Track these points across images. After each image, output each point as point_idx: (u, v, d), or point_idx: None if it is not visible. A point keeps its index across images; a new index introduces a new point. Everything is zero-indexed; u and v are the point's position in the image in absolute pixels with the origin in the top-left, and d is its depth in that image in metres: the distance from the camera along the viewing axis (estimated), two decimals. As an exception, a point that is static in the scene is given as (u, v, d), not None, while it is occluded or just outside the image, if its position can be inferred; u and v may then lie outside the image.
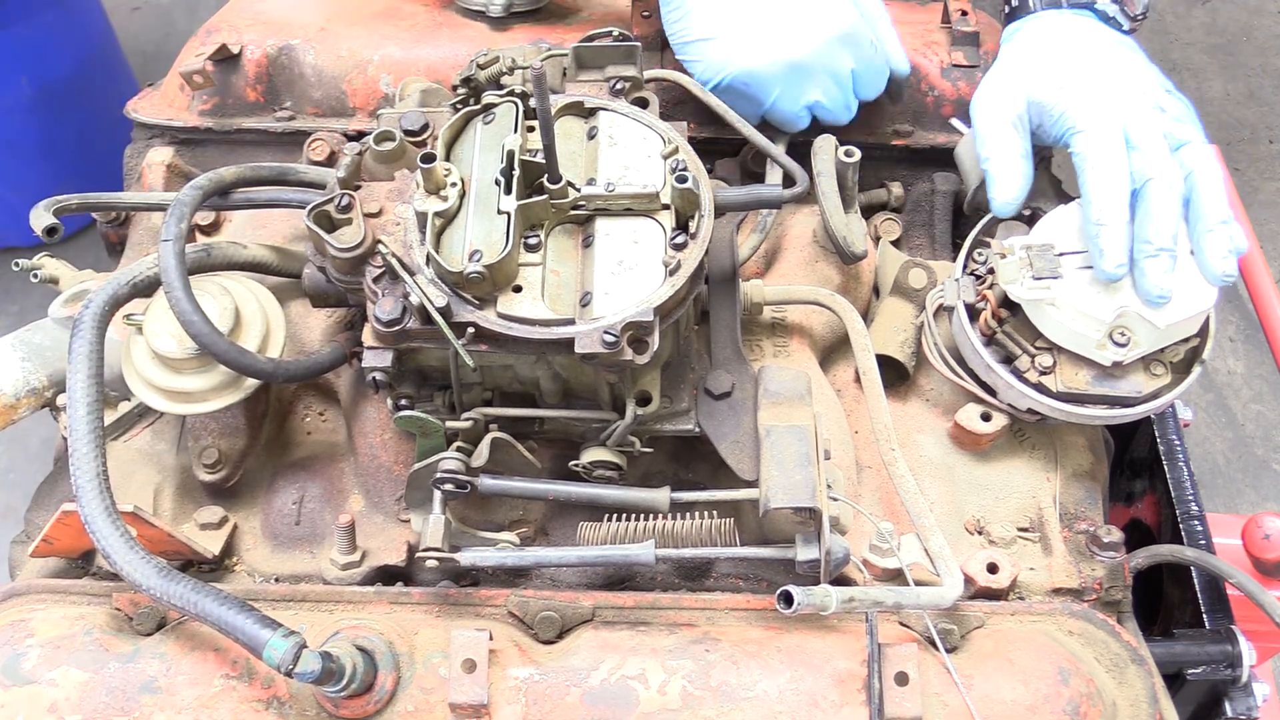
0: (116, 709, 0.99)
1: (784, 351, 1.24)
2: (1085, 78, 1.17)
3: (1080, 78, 1.17)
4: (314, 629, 1.02)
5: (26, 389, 1.18)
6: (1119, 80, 1.17)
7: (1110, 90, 1.15)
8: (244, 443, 1.21)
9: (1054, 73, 1.19)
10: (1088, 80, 1.17)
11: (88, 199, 1.28)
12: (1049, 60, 1.21)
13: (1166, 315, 1.09)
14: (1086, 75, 1.18)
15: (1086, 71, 1.18)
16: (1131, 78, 1.18)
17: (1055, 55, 1.21)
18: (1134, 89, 1.16)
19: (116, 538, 0.96)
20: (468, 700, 0.96)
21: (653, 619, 1.05)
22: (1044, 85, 1.18)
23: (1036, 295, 1.11)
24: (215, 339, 1.04)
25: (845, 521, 1.09)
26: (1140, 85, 1.17)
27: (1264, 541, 1.43)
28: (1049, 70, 1.19)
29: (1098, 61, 1.20)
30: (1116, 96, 1.14)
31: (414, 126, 1.12)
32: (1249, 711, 1.21)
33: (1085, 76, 1.17)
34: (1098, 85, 1.16)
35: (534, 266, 1.02)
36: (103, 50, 2.83)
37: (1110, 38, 1.24)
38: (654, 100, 1.15)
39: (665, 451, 1.19)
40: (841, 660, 1.00)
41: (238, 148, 1.44)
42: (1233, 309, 2.86)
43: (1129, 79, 1.18)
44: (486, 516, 1.16)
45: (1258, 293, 2.41)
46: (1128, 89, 1.16)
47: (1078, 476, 1.22)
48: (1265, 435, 2.72)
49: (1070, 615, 1.07)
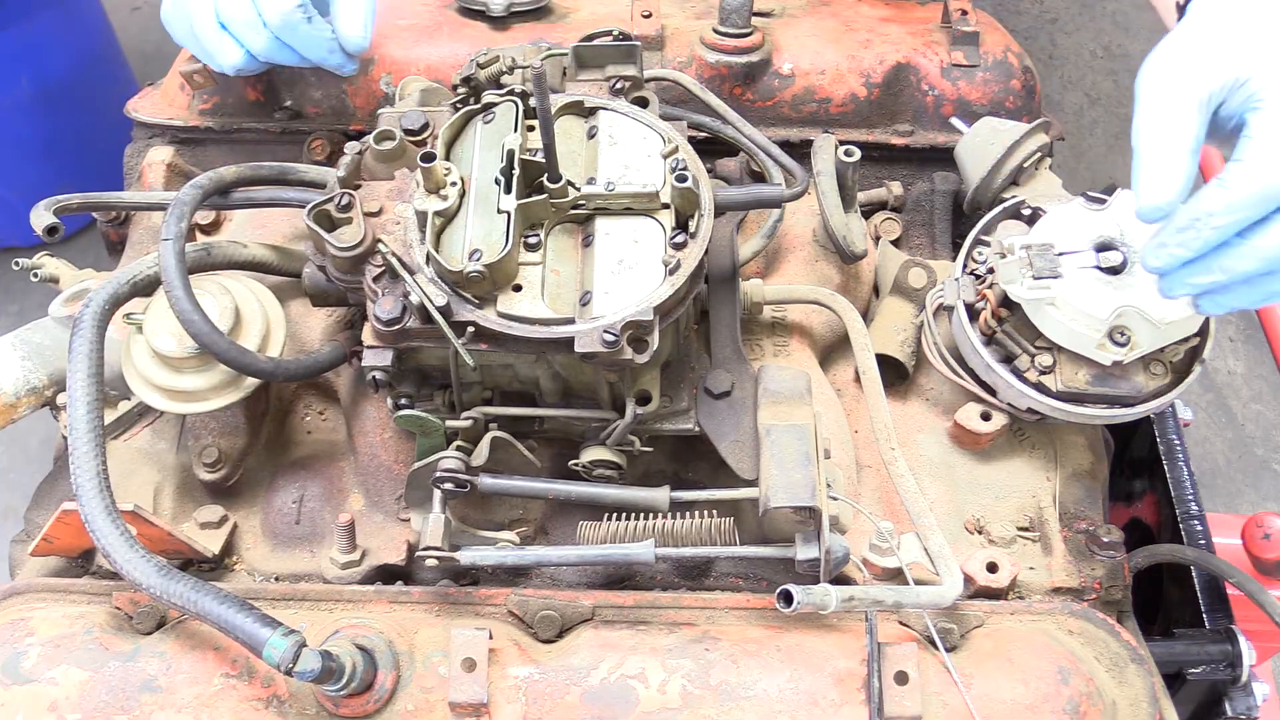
0: (116, 708, 0.99)
1: (784, 351, 1.24)
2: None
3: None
4: (314, 628, 1.02)
5: (26, 388, 1.18)
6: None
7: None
8: (244, 442, 1.21)
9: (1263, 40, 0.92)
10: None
11: (88, 198, 1.28)
12: (1263, 22, 0.93)
13: (1166, 315, 1.09)
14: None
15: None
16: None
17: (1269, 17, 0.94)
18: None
19: (116, 536, 0.96)
20: (467, 699, 0.96)
21: (652, 618, 1.05)
22: (1250, 55, 0.92)
23: (1036, 295, 1.11)
24: (215, 338, 1.04)
25: (845, 521, 1.09)
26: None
27: (1264, 541, 1.43)
28: (1260, 36, 0.92)
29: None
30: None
31: (414, 126, 1.12)
32: (1249, 711, 1.21)
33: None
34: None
35: (534, 266, 1.02)
36: (103, 50, 2.82)
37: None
38: (654, 100, 1.15)
39: (665, 451, 1.19)
40: (841, 659, 1.00)
41: (238, 147, 1.44)
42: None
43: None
44: (486, 515, 1.16)
45: (1258, 293, 2.39)
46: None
47: (1077, 476, 1.22)
48: (1265, 435, 2.72)
49: (1070, 615, 1.07)
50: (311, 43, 1.24)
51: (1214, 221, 0.90)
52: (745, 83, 1.39)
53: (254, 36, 1.22)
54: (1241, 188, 0.89)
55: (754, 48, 1.37)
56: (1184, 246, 0.92)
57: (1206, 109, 0.93)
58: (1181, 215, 0.91)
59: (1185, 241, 0.91)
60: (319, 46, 1.25)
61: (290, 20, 1.21)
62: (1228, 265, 0.92)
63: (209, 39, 1.24)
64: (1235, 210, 0.89)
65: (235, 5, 1.21)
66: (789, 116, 1.41)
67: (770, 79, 1.39)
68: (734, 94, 1.39)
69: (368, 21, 1.25)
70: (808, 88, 1.39)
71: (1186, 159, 0.92)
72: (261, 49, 1.23)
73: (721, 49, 1.37)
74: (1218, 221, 0.90)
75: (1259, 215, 0.90)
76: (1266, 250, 0.91)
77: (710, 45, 1.37)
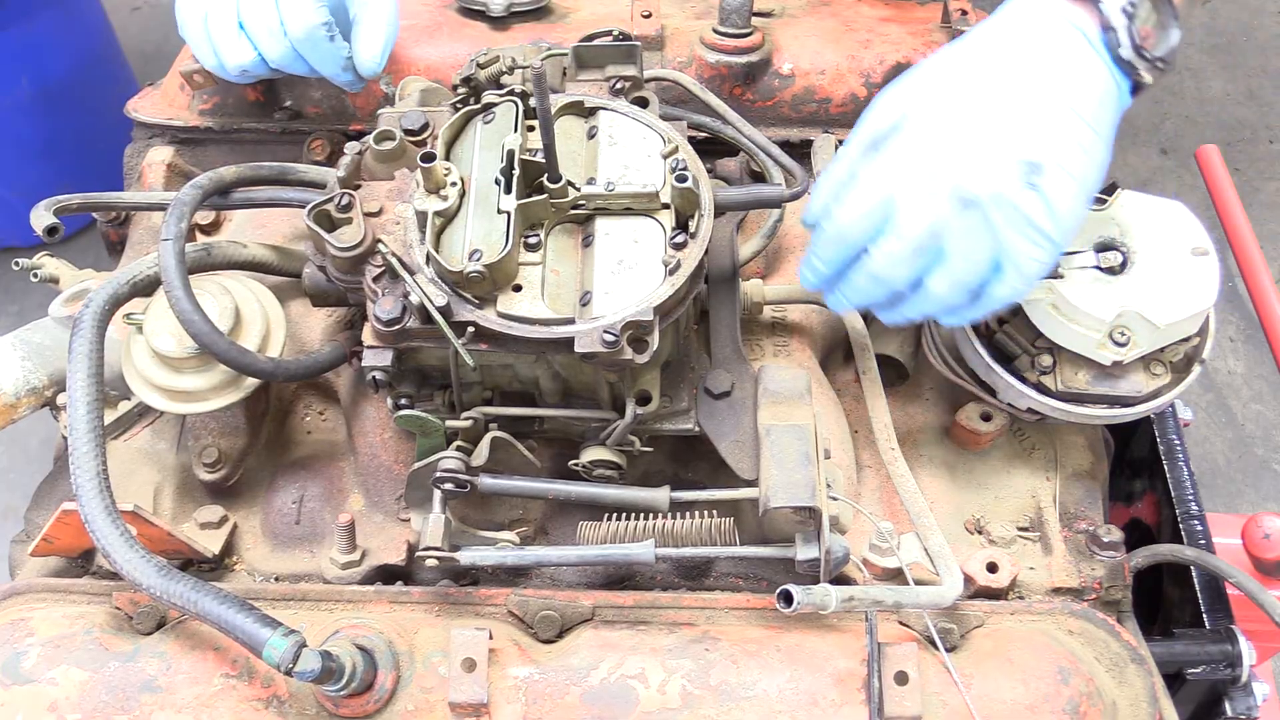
0: (116, 708, 0.99)
1: (784, 351, 1.24)
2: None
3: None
4: (314, 628, 1.02)
5: (27, 388, 1.18)
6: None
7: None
8: (244, 442, 1.21)
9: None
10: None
11: (88, 199, 1.28)
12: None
13: (1166, 315, 1.09)
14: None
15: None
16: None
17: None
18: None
19: (116, 537, 0.96)
20: (467, 699, 0.96)
21: (652, 618, 1.05)
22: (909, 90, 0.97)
23: (1036, 295, 1.11)
24: (215, 338, 1.04)
25: (845, 521, 1.09)
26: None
27: (1264, 541, 1.43)
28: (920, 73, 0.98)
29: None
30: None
31: (414, 126, 1.12)
32: (1249, 711, 1.21)
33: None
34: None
35: (534, 266, 1.02)
36: (103, 50, 2.82)
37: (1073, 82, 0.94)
38: (654, 100, 1.15)
39: (665, 451, 1.19)
40: (841, 659, 1.00)
41: (238, 148, 1.44)
42: (1233, 309, 2.86)
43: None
44: (486, 516, 1.16)
45: (1258, 293, 2.40)
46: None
47: (1077, 476, 1.22)
48: (1265, 435, 2.72)
49: (1070, 615, 1.07)
50: (328, 59, 1.25)
51: (814, 256, 0.98)
52: (745, 83, 1.39)
53: (272, 44, 1.23)
54: (827, 230, 0.97)
55: (754, 48, 1.37)
56: (811, 271, 1.00)
57: (866, 149, 0.98)
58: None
59: (810, 267, 1.00)
60: (334, 63, 1.26)
61: (314, 35, 1.22)
62: (844, 291, 1.00)
63: (223, 38, 1.24)
64: (823, 250, 0.97)
65: (259, 11, 1.22)
66: (789, 116, 1.41)
67: (770, 79, 1.39)
68: (734, 94, 1.39)
69: (386, 49, 1.26)
70: (808, 88, 1.39)
71: (827, 196, 0.99)
72: (277, 57, 1.24)
73: (721, 49, 1.37)
74: (817, 254, 0.98)
75: (842, 258, 0.97)
76: (858, 288, 0.98)
77: (710, 45, 1.37)
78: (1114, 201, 1.16)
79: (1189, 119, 3.32)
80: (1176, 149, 3.25)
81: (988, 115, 0.93)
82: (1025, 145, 0.92)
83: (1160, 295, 1.10)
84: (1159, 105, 3.35)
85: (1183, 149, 3.22)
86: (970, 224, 0.92)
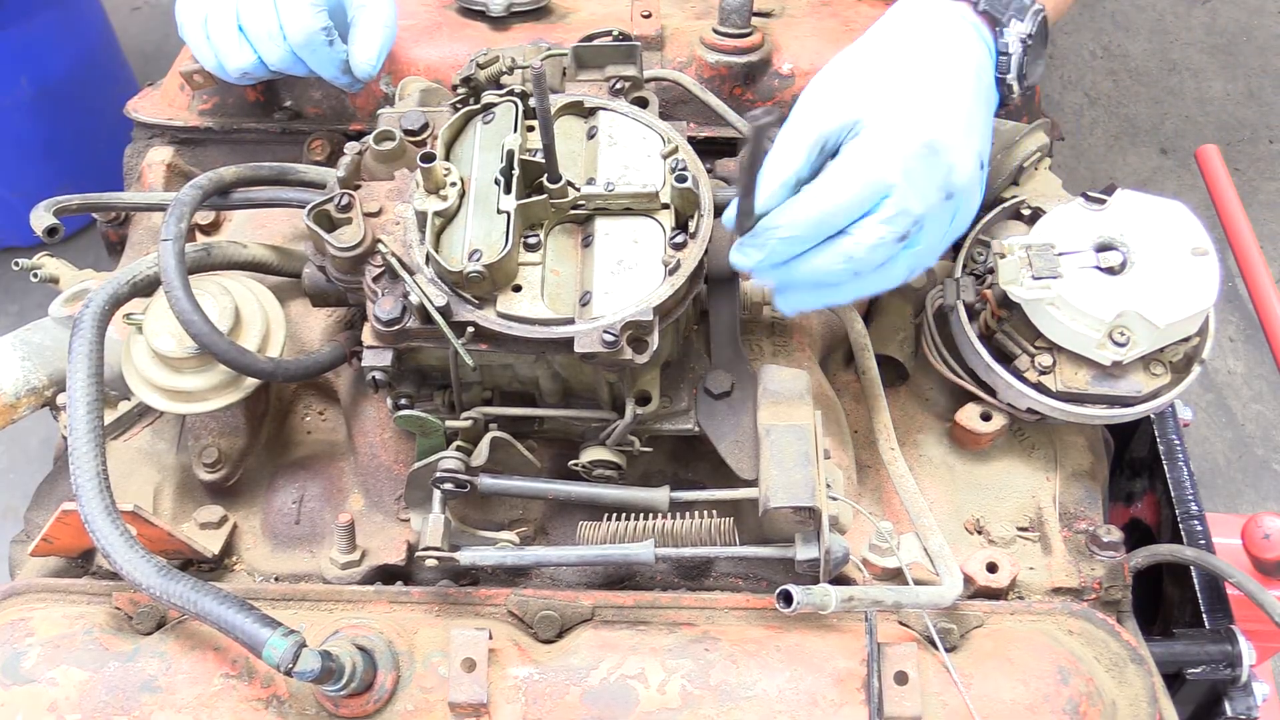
0: (116, 708, 0.99)
1: (784, 351, 1.24)
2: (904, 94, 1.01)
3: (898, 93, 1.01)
4: (313, 628, 1.02)
5: (26, 388, 1.18)
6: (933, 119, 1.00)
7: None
8: (244, 442, 1.21)
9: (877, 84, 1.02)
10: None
11: (88, 199, 1.28)
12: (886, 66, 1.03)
13: (1166, 315, 1.09)
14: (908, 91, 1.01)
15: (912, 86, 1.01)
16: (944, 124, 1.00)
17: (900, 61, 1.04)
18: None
19: (116, 537, 0.96)
20: (467, 699, 0.96)
21: (652, 618, 1.05)
22: (863, 98, 1.01)
23: (1036, 295, 1.11)
24: (215, 338, 1.04)
25: (845, 521, 1.09)
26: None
27: (1264, 541, 1.43)
28: (874, 80, 1.03)
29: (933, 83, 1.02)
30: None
31: (414, 126, 1.12)
32: (1249, 711, 1.21)
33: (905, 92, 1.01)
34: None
35: (533, 266, 1.02)
36: (103, 50, 2.82)
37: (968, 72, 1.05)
38: (654, 100, 1.15)
39: (665, 451, 1.19)
40: (841, 659, 1.00)
41: (238, 148, 1.44)
42: (1233, 309, 2.86)
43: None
44: (486, 516, 1.16)
45: (1258, 293, 2.40)
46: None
47: (1077, 476, 1.22)
48: (1265, 435, 2.72)
49: (1070, 615, 1.07)
50: (327, 62, 1.26)
51: (779, 234, 0.98)
52: (745, 83, 1.39)
53: (272, 48, 1.24)
54: (803, 210, 0.97)
55: (754, 48, 1.37)
56: (758, 249, 0.99)
57: (815, 148, 1.00)
58: (763, 220, 0.99)
59: (758, 245, 0.99)
60: (332, 66, 1.27)
61: (313, 40, 1.23)
62: (790, 271, 1.01)
63: (222, 41, 1.25)
64: (795, 228, 0.97)
65: (258, 15, 1.22)
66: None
67: (770, 79, 1.39)
68: (734, 94, 1.39)
69: (382, 52, 1.27)
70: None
71: (778, 189, 1.00)
72: (276, 60, 1.25)
73: (721, 49, 1.37)
74: (782, 234, 0.98)
75: (816, 238, 0.98)
76: (819, 268, 0.99)
77: (710, 45, 1.37)
78: (1114, 201, 1.16)
79: (1189, 119, 3.32)
80: (1176, 149, 3.25)
81: (945, 114, 1.01)
82: (978, 140, 1.04)
83: (1160, 295, 1.10)
84: (1159, 105, 3.35)
85: (1183, 149, 3.22)
86: (946, 212, 1.01)
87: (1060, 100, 3.35)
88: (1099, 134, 3.30)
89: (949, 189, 1.00)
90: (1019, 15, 1.08)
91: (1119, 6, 3.58)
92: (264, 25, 1.22)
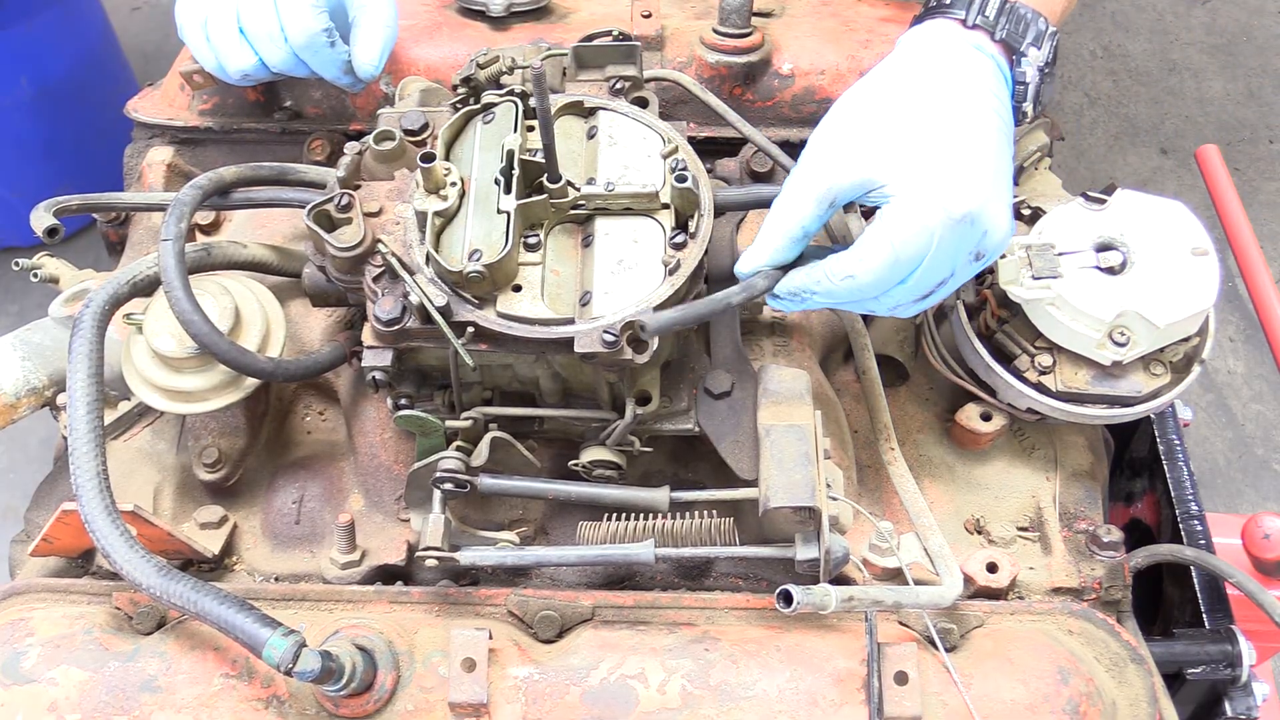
0: (116, 708, 0.99)
1: (784, 351, 1.24)
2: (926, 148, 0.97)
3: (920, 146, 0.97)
4: (314, 628, 1.02)
5: (26, 388, 1.18)
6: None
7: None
8: (244, 442, 1.21)
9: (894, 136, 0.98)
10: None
11: (88, 199, 1.28)
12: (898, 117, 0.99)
13: (1166, 315, 1.09)
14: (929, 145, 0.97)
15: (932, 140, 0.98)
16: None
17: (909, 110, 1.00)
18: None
19: (116, 537, 0.96)
20: (467, 699, 0.96)
21: (652, 618, 1.05)
22: (882, 160, 0.97)
23: (1036, 295, 1.11)
24: (215, 338, 1.04)
25: (845, 521, 1.09)
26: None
27: (1264, 541, 1.43)
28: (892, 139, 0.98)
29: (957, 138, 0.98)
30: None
31: (414, 126, 1.12)
32: (1249, 711, 1.21)
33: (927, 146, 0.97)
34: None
35: (534, 266, 1.02)
36: (103, 50, 2.82)
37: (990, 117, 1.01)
38: (654, 100, 1.15)
39: (665, 451, 1.19)
40: (841, 659, 1.00)
41: (238, 147, 1.44)
42: (1233, 309, 2.86)
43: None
44: (486, 516, 1.16)
45: (1258, 293, 2.40)
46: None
47: (1077, 476, 1.22)
48: (1265, 435, 2.72)
49: (1070, 615, 1.07)
50: (328, 63, 1.26)
51: (815, 300, 1.00)
52: (745, 83, 1.39)
53: (273, 49, 1.23)
54: (839, 286, 0.97)
55: (754, 48, 1.37)
56: (793, 305, 1.02)
57: (825, 203, 0.98)
58: (795, 277, 1.00)
59: (795, 304, 1.02)
60: (333, 66, 1.26)
61: (314, 42, 1.22)
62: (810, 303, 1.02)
63: (223, 43, 1.24)
64: (829, 299, 0.99)
65: (259, 17, 1.22)
66: (789, 116, 1.41)
67: (770, 79, 1.39)
68: (734, 94, 1.39)
69: (384, 53, 1.27)
70: (808, 88, 1.39)
71: (785, 243, 1.00)
72: (277, 62, 1.25)
73: (721, 49, 1.37)
74: (819, 300, 1.00)
75: (849, 301, 1.00)
76: (836, 303, 1.01)
77: (710, 45, 1.37)
78: (1114, 201, 1.16)
79: (1189, 119, 3.32)
80: (1176, 149, 3.25)
81: (978, 178, 0.97)
82: (1007, 192, 1.00)
83: (1160, 295, 1.10)
84: (1159, 105, 3.35)
85: (1183, 149, 3.22)
86: (973, 270, 1.00)
87: (1060, 100, 3.35)
88: (1099, 134, 3.30)
89: (981, 251, 0.98)
90: (1036, 43, 1.05)
91: (1119, 6, 3.58)
92: (265, 26, 1.22)
